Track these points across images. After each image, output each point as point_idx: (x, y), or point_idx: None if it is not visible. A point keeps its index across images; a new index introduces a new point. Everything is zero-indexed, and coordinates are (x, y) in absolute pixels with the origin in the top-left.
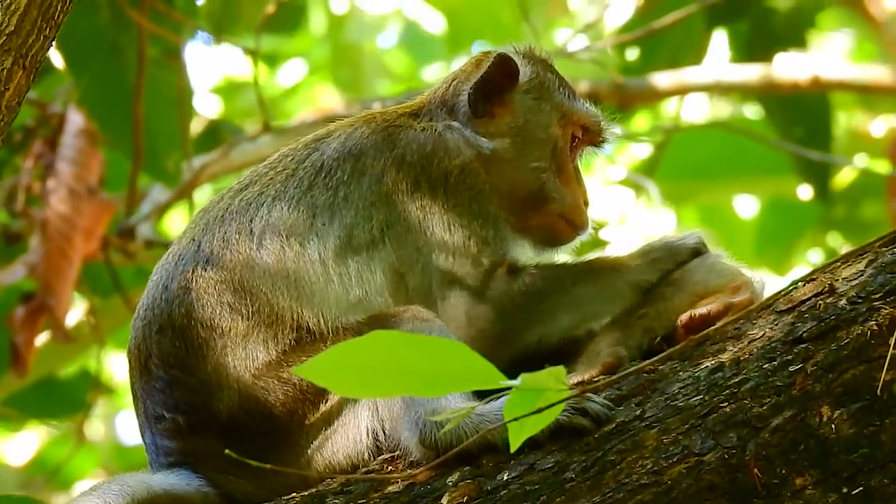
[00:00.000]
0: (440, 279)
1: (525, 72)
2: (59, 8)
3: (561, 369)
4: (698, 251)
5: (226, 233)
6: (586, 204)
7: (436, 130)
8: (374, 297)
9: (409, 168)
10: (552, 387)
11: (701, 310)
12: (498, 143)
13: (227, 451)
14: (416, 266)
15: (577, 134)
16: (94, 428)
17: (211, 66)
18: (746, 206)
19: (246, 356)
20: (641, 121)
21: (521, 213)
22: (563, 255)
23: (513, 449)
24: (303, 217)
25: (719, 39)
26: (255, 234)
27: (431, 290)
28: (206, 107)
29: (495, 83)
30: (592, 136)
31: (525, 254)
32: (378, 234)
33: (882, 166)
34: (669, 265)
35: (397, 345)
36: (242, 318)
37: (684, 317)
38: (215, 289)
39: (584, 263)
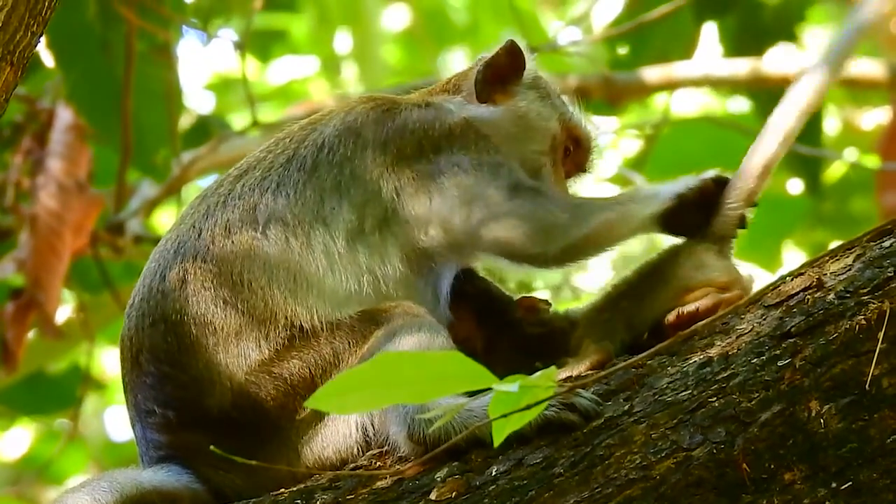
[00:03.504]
0: (459, 203)
1: (532, 67)
2: (46, 4)
3: (552, 368)
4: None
5: (228, 219)
6: None
7: (437, 104)
8: (381, 285)
9: (412, 135)
10: (540, 383)
11: (689, 307)
12: (500, 118)
13: (212, 447)
14: (434, 216)
15: (570, 146)
16: (85, 424)
17: (202, 62)
18: None
19: (238, 354)
20: (631, 115)
21: None
22: None
23: (497, 443)
24: (311, 203)
25: (709, 34)
26: (260, 223)
27: (455, 221)
28: (196, 102)
29: (502, 70)
30: (582, 156)
31: None
32: (390, 206)
33: (872, 160)
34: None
35: (400, 364)
36: (236, 313)
37: (671, 316)
38: (212, 282)
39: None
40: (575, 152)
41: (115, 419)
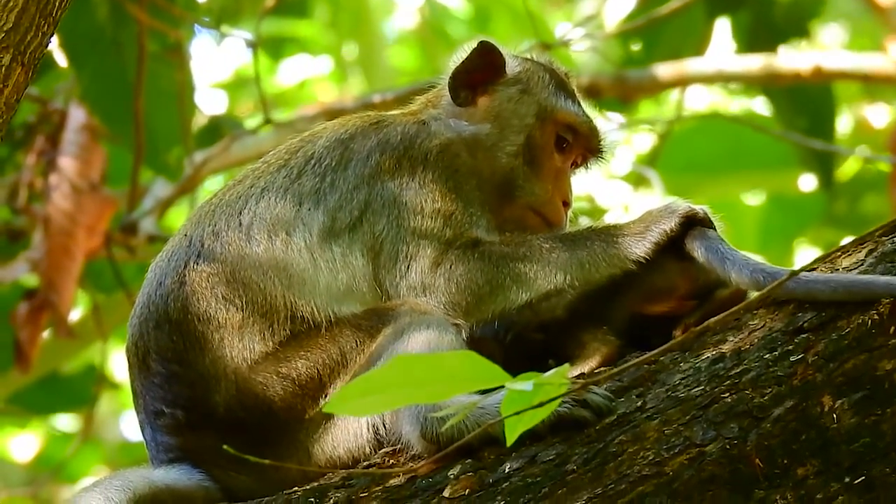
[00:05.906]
0: (405, 252)
1: (512, 64)
2: (57, 5)
3: (565, 365)
4: (691, 219)
5: (216, 226)
6: (566, 205)
7: (421, 120)
8: (360, 282)
9: (393, 150)
10: (552, 381)
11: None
12: (478, 127)
13: (224, 446)
14: (386, 241)
15: (566, 136)
16: (101, 424)
17: (215, 61)
18: (750, 198)
19: (243, 347)
20: (644, 112)
21: (498, 205)
22: None
23: (510, 442)
24: (289, 205)
25: (722, 30)
26: (244, 226)
27: (397, 264)
28: (209, 101)
29: (480, 72)
30: (587, 142)
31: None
32: (357, 215)
33: (884, 157)
34: (660, 236)
35: (414, 366)
36: (237, 309)
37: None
38: (208, 281)
39: (570, 232)
40: (576, 141)
41: (130, 420)
